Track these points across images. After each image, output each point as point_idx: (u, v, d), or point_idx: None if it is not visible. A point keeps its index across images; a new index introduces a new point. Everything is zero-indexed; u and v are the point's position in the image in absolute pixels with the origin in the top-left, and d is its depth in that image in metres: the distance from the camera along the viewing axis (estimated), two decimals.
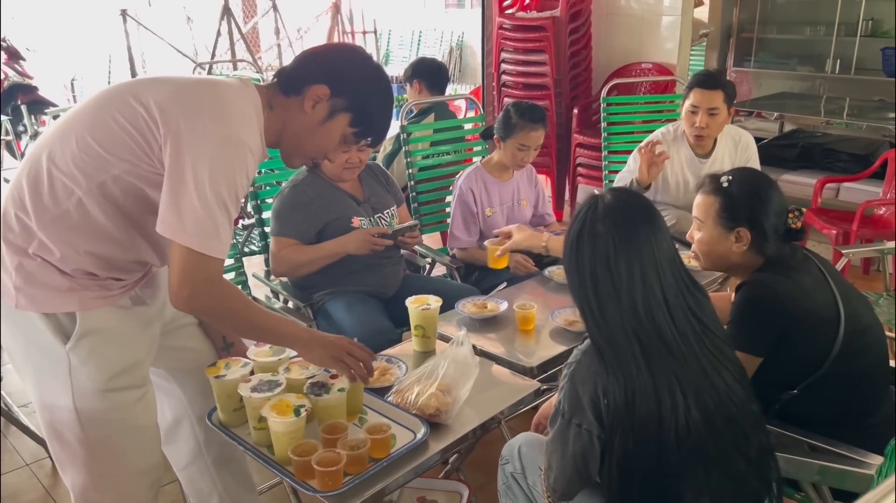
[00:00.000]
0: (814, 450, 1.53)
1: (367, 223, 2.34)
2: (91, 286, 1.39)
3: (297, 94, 1.44)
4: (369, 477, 1.37)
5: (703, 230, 1.69)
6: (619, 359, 1.25)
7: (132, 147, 1.32)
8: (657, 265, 1.27)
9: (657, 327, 1.26)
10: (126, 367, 1.46)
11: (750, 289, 1.61)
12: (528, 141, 2.54)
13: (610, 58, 4.63)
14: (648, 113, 3.78)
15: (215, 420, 1.56)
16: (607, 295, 1.26)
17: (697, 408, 1.25)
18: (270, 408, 1.41)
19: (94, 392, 1.42)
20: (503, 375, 1.76)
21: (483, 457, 2.17)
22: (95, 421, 1.44)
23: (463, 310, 2.06)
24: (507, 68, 4.70)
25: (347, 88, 1.44)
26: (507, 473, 1.56)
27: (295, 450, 1.37)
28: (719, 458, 1.27)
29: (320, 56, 1.49)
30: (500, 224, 2.68)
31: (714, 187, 1.66)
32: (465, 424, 1.57)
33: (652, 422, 1.23)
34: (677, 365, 1.26)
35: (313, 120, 1.45)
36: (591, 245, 1.27)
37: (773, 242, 1.62)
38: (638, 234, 1.27)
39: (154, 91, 1.34)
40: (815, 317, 1.56)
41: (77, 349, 1.39)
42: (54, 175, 1.34)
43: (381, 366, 1.76)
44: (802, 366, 1.58)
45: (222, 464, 1.75)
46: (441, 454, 1.51)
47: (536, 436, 1.58)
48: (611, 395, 1.24)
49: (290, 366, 1.59)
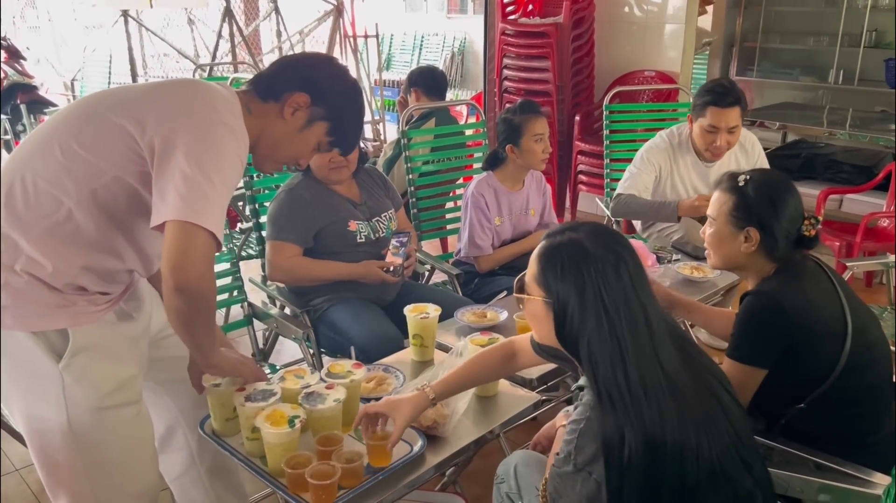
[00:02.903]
0: (819, 468, 1.50)
1: (365, 226, 2.32)
2: (79, 301, 1.35)
3: (275, 99, 1.44)
4: (364, 490, 1.34)
5: (715, 226, 1.67)
6: (638, 409, 1.16)
7: (121, 148, 1.29)
8: (650, 301, 1.22)
9: (663, 366, 1.20)
10: (121, 383, 1.43)
11: (756, 301, 1.58)
12: (539, 129, 2.53)
13: (613, 65, 4.61)
14: (651, 121, 3.75)
15: (208, 429, 1.53)
16: (629, 339, 1.18)
17: (716, 441, 1.19)
18: (264, 419, 1.37)
19: (89, 410, 1.38)
20: (502, 386, 1.73)
21: (480, 468, 2.13)
22: (91, 441, 1.40)
23: (462, 320, 2.03)
24: (509, 74, 4.68)
25: (327, 98, 1.46)
26: (502, 493, 1.52)
27: (288, 463, 1.33)
28: (730, 479, 1.22)
29: (299, 65, 1.50)
30: (507, 233, 2.66)
31: (730, 185, 1.64)
32: (462, 437, 1.54)
33: (675, 466, 1.16)
34: (688, 401, 1.20)
35: (292, 127, 1.46)
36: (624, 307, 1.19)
37: (783, 247, 1.59)
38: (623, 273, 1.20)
39: (138, 94, 1.35)
40: (821, 330, 1.54)
41: (71, 367, 1.35)
42: (40, 187, 1.30)
43: (377, 376, 1.73)
44: (808, 379, 1.55)
45: (215, 473, 1.72)
46: (438, 467, 1.48)
47: (534, 455, 1.54)
48: (631, 446, 1.14)
49: (285, 375, 1.55)
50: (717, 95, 2.53)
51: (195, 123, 1.29)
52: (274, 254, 2.25)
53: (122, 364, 1.44)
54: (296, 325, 2.19)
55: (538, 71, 4.51)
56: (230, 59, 6.95)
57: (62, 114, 1.39)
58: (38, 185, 1.31)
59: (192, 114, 1.30)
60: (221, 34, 7.07)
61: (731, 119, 2.54)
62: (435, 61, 9.13)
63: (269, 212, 2.28)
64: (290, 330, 2.22)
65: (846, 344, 1.52)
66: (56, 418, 1.37)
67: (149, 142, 1.28)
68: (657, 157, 2.74)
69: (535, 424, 2.40)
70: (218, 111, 1.33)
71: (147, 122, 1.29)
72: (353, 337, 2.12)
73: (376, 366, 1.77)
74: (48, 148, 1.32)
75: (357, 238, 2.29)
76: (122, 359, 1.44)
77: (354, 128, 1.56)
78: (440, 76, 3.50)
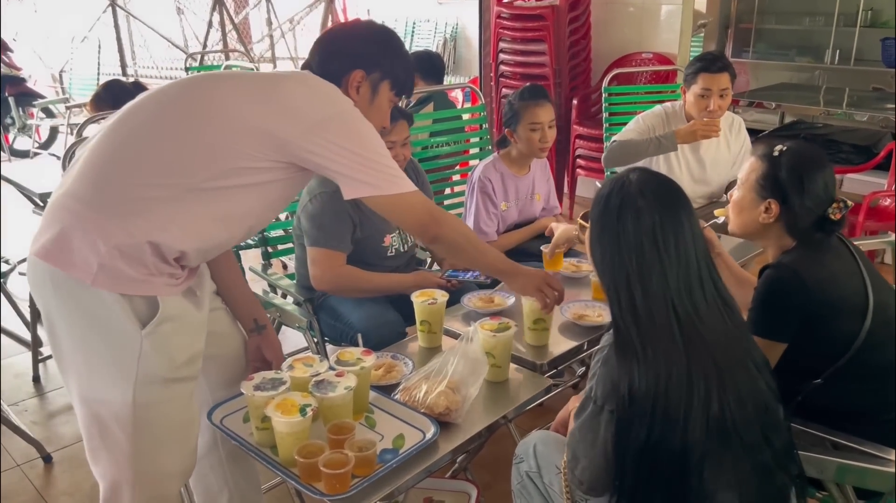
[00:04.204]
0: (836, 447, 1.48)
1: (397, 239, 2.24)
2: (166, 273, 1.37)
3: (337, 85, 1.50)
4: (378, 479, 1.31)
5: (740, 191, 1.66)
6: (656, 342, 1.19)
7: (259, 148, 1.37)
8: (694, 240, 1.24)
9: (695, 305, 1.22)
10: (191, 357, 1.45)
11: (774, 273, 1.56)
12: (537, 118, 2.46)
13: (609, 48, 4.57)
14: (650, 103, 3.70)
15: (216, 419, 1.50)
16: (652, 269, 1.21)
17: (731, 394, 1.19)
18: (275, 408, 1.35)
19: (157, 381, 1.39)
20: (512, 372, 1.71)
21: (490, 455, 2.11)
22: (148, 415, 1.40)
23: (469, 305, 2.00)
24: (505, 58, 4.63)
25: (378, 62, 1.55)
26: (521, 472, 1.50)
27: (300, 452, 1.31)
28: (748, 448, 1.21)
29: (337, 44, 1.56)
30: (512, 218, 2.62)
31: (764, 153, 1.62)
32: (475, 423, 1.52)
33: (680, 409, 1.17)
34: (711, 348, 1.21)
35: (363, 102, 1.54)
36: (634, 218, 1.23)
37: (803, 226, 1.57)
38: (678, 207, 1.25)
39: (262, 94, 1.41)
40: (842, 304, 1.52)
41: (154, 335, 1.36)
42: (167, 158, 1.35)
43: (386, 363, 1.70)
44: (826, 354, 1.53)
45: (235, 460, 1.71)
46: (451, 454, 1.45)
47: (552, 435, 1.53)
48: (642, 380, 1.18)
49: (294, 363, 1.52)
50: (707, 62, 2.71)
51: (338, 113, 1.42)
52: (323, 262, 2.11)
53: (196, 338, 1.47)
54: (300, 314, 2.15)
55: (535, 54, 4.46)
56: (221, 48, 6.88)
57: (168, 95, 1.43)
58: (161, 155, 1.35)
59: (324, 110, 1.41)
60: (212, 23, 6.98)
61: (721, 82, 2.67)
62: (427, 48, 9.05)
63: (311, 214, 2.11)
64: (293, 318, 2.18)
65: (866, 319, 1.51)
66: (121, 385, 1.37)
67: (293, 151, 1.38)
68: (651, 120, 2.84)
69: (542, 410, 2.39)
70: (340, 100, 1.45)
71: (285, 132, 1.37)
72: (353, 323, 2.09)
73: (384, 354, 1.75)
74: (165, 124, 1.38)
75: (388, 252, 2.24)
76: (196, 333, 1.47)
77: (408, 72, 1.62)
78: (437, 60, 3.46)
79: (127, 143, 1.37)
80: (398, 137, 2.14)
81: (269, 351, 1.70)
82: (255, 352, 1.70)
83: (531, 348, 1.82)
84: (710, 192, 2.92)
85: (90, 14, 7.69)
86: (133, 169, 1.35)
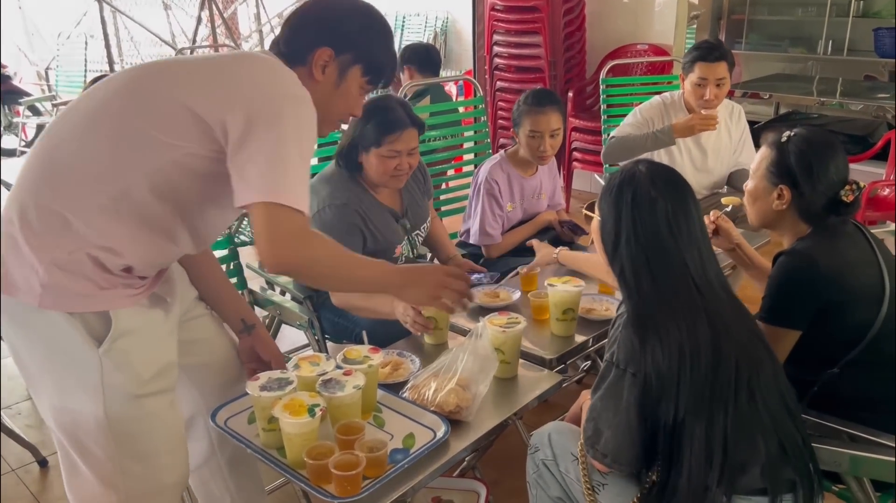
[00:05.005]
0: (853, 439, 1.46)
1: (406, 246, 2.19)
2: (119, 284, 1.28)
3: (302, 64, 1.36)
4: (390, 480, 1.28)
5: (753, 181, 1.67)
6: (679, 318, 1.25)
7: (192, 130, 1.23)
8: (700, 225, 1.33)
9: (709, 282, 1.30)
10: (160, 370, 1.37)
11: (789, 261, 1.56)
12: (537, 126, 2.40)
13: (604, 39, 4.54)
14: (647, 94, 3.68)
15: (220, 420, 1.45)
16: (670, 251, 1.29)
17: (756, 363, 1.27)
18: (283, 408, 1.31)
19: (127, 398, 1.31)
20: (520, 367, 1.67)
21: (497, 451, 2.08)
22: (127, 431, 1.33)
23: (475, 300, 1.97)
24: (499, 51, 4.60)
25: (350, 41, 1.37)
26: (537, 461, 1.49)
27: (310, 453, 1.27)
28: (774, 420, 1.27)
29: (308, 18, 1.40)
30: (517, 218, 2.59)
31: (773, 140, 1.63)
32: (486, 420, 1.49)
33: (708, 381, 1.23)
34: (728, 322, 1.28)
35: (328, 85, 1.39)
36: (649, 207, 1.30)
37: (816, 210, 1.57)
38: (686, 195, 1.34)
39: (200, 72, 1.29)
40: (857, 292, 1.51)
41: (112, 352, 1.28)
42: (92, 162, 1.24)
43: (393, 361, 1.67)
44: (842, 342, 1.52)
45: (235, 464, 1.66)
46: (463, 453, 1.42)
47: (566, 424, 1.53)
48: (665, 358, 1.23)
49: (299, 362, 1.49)
50: (705, 50, 2.68)
51: (268, 99, 1.23)
52: None
53: (161, 350, 1.38)
54: (300, 312, 2.12)
55: (529, 47, 4.43)
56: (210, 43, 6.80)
57: (110, 88, 1.30)
58: (91, 160, 1.24)
59: (262, 89, 1.25)
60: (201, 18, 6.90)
61: (718, 71, 2.65)
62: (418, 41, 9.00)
63: (322, 223, 2.01)
64: (294, 316, 2.15)
65: (883, 307, 1.50)
66: (92, 407, 1.30)
67: (221, 122, 1.22)
68: (649, 113, 2.83)
69: (547, 405, 2.35)
70: (285, 83, 1.28)
71: (218, 103, 1.23)
72: (356, 319, 2.04)
73: (391, 351, 1.71)
74: (99, 123, 1.25)
75: (398, 262, 2.20)
76: (161, 344, 1.38)
77: (387, 57, 1.44)
78: (434, 52, 3.42)
79: (60, 147, 1.27)
80: (404, 147, 2.00)
81: (264, 351, 1.64)
82: (248, 353, 1.64)
83: (557, 339, 1.81)
84: (712, 182, 2.90)
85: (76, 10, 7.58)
86: (65, 177, 1.24)
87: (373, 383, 1.48)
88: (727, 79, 2.68)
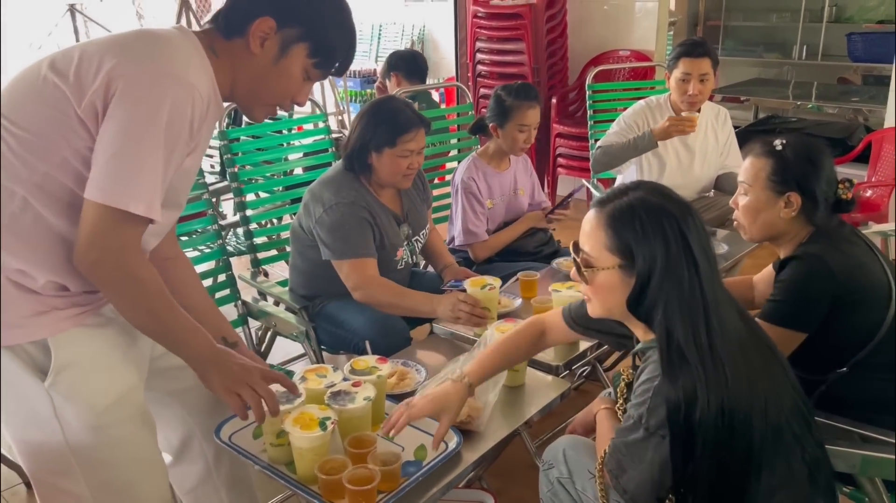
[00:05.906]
0: (864, 440, 1.46)
1: (406, 251, 2.18)
2: (60, 305, 1.18)
3: (240, 34, 1.22)
4: (405, 494, 1.25)
5: (751, 194, 1.62)
6: (712, 366, 1.12)
7: (61, 118, 1.11)
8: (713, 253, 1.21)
9: (734, 323, 1.19)
10: (119, 397, 1.26)
11: (801, 264, 1.55)
12: (527, 120, 2.44)
13: (586, 46, 4.57)
14: (633, 99, 3.70)
15: (224, 436, 1.41)
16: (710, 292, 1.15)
17: (778, 385, 1.19)
18: (293, 422, 1.27)
19: (86, 430, 1.22)
20: (528, 375, 1.65)
21: (500, 460, 2.05)
22: (94, 462, 1.25)
23: None
24: (482, 58, 4.60)
25: (296, 14, 1.22)
26: (552, 479, 1.43)
27: (322, 468, 1.24)
28: (798, 440, 1.19)
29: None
30: (500, 215, 2.58)
31: (766, 150, 1.60)
32: (497, 430, 1.46)
33: (746, 425, 1.13)
34: (754, 360, 1.18)
35: (265, 60, 1.24)
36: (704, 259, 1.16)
37: (822, 211, 1.57)
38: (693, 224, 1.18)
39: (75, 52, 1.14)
40: (868, 292, 1.52)
41: (58, 385, 1.18)
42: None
43: (398, 371, 1.63)
44: (852, 342, 1.53)
45: (232, 485, 1.60)
46: (476, 464, 1.39)
47: (579, 439, 1.47)
48: (704, 406, 1.11)
49: (306, 374, 1.45)
50: (688, 47, 2.72)
51: (134, 80, 1.10)
52: (357, 272, 2.00)
53: (117, 375, 1.27)
54: (296, 322, 2.08)
55: (512, 53, 4.43)
56: None
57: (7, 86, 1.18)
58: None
59: (131, 66, 1.11)
60: None
61: (702, 67, 2.68)
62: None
63: (331, 226, 2.00)
64: (289, 327, 2.10)
65: (891, 307, 1.50)
66: (53, 441, 1.21)
67: (89, 105, 1.10)
68: (634, 119, 2.84)
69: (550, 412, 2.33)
70: (163, 59, 1.13)
71: (86, 82, 1.10)
72: (357, 329, 2.01)
73: (395, 361, 1.68)
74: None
75: (399, 265, 2.18)
76: (116, 369, 1.27)
77: (341, 39, 1.28)
78: (421, 59, 3.40)
79: None
80: (416, 146, 2.04)
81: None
82: None
83: (563, 345, 1.74)
84: (700, 187, 2.91)
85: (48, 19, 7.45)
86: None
87: (381, 394, 1.45)
88: (711, 75, 2.71)
